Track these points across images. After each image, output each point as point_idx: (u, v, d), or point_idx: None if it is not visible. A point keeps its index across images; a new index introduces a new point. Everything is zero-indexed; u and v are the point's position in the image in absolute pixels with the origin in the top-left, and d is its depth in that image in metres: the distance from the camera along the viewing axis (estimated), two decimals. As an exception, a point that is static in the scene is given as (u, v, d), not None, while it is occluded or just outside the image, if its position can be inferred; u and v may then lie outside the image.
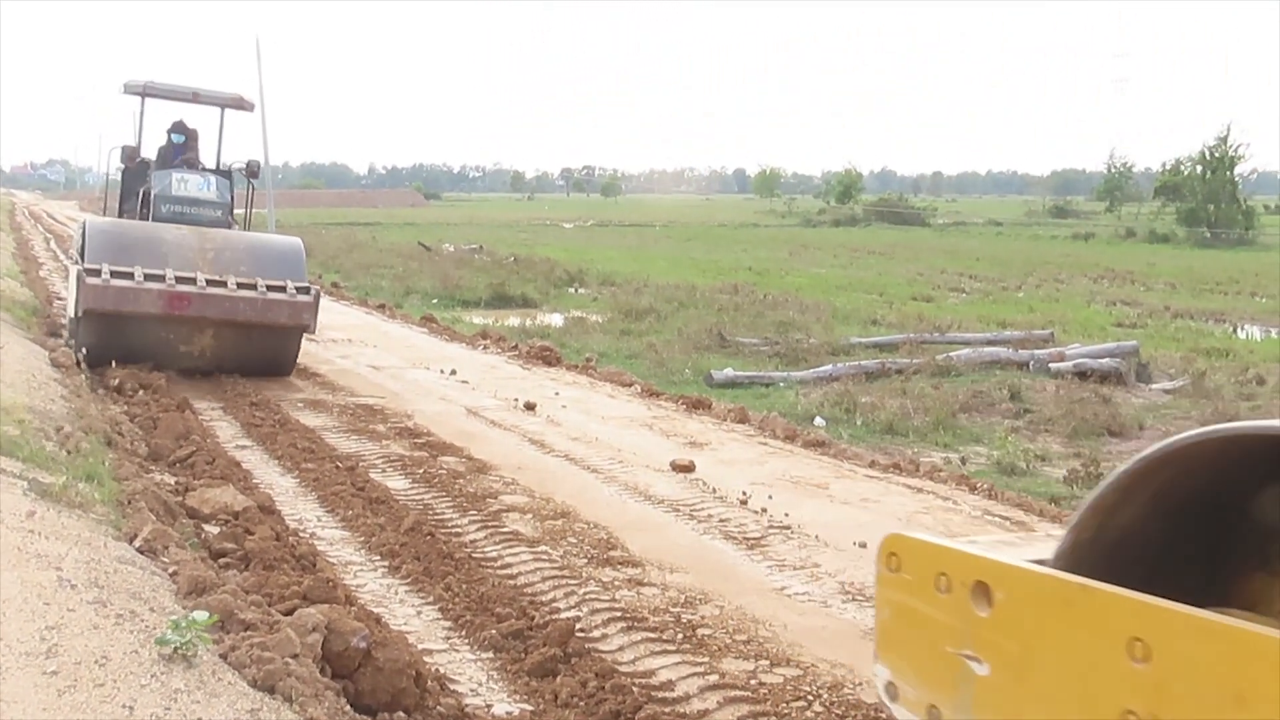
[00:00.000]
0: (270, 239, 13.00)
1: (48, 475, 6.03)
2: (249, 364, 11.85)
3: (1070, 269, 36.70)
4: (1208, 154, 60.99)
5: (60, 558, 4.40)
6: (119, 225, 12.12)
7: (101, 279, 10.74)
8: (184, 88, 13.61)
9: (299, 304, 11.49)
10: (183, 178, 12.58)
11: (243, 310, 11.30)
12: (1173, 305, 25.94)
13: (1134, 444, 11.29)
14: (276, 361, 12.13)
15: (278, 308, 11.42)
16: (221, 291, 11.18)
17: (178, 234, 11.68)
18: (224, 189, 12.88)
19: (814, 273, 32.68)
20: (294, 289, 11.52)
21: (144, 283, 10.88)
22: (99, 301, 10.78)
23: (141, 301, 10.89)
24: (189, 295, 11.02)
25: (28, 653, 3.44)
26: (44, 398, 8.63)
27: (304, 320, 11.61)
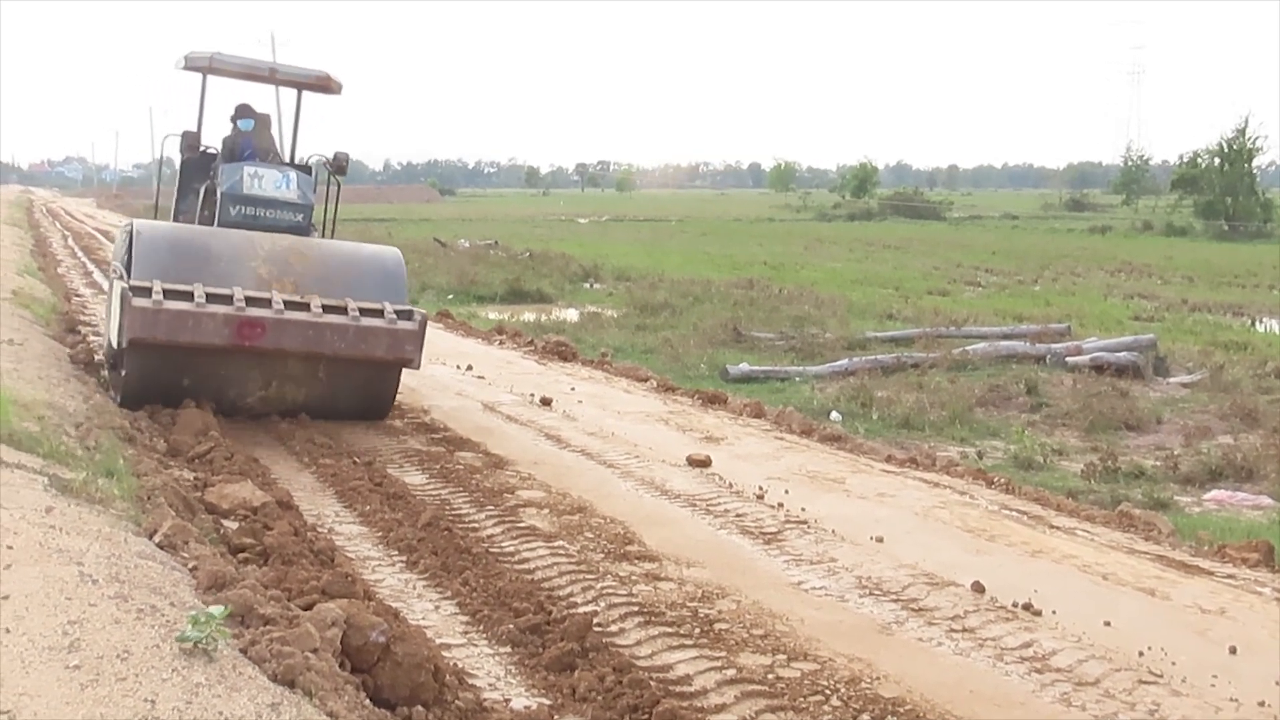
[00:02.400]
0: (362, 250, 10.48)
1: (68, 471, 6.07)
2: (334, 407, 9.67)
3: (1087, 262, 36.55)
4: (1226, 146, 60.58)
5: (81, 553, 4.42)
6: (176, 232, 9.68)
7: (152, 300, 8.52)
8: (259, 63, 11.18)
9: (400, 332, 9.19)
10: (256, 173, 10.17)
11: (330, 341, 8.95)
12: (1190, 298, 25.82)
13: (1151, 438, 11.27)
14: (369, 405, 9.87)
15: (374, 337, 9.09)
16: (303, 317, 8.87)
17: (249, 243, 9.44)
18: (306, 187, 10.40)
19: (829, 267, 32.62)
20: (393, 313, 9.24)
21: (206, 305, 8.62)
22: (149, 329, 8.53)
23: (203, 329, 8.60)
24: (263, 321, 8.73)
25: (50, 647, 3.47)
26: (64, 394, 8.68)
27: (406, 353, 9.30)
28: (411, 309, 9.46)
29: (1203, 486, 9.41)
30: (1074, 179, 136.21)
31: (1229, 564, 6.93)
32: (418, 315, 9.44)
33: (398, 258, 10.10)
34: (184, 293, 8.68)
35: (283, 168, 10.41)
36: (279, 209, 10.11)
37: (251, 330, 8.71)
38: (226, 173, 10.12)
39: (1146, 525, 7.67)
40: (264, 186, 10.10)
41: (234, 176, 10.05)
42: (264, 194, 10.07)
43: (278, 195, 10.13)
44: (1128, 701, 4.89)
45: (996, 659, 5.28)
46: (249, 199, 10.02)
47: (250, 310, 8.74)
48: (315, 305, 8.99)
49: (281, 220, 10.12)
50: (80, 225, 46.96)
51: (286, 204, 10.14)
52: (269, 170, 10.23)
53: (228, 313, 8.66)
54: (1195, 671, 5.22)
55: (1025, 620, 5.79)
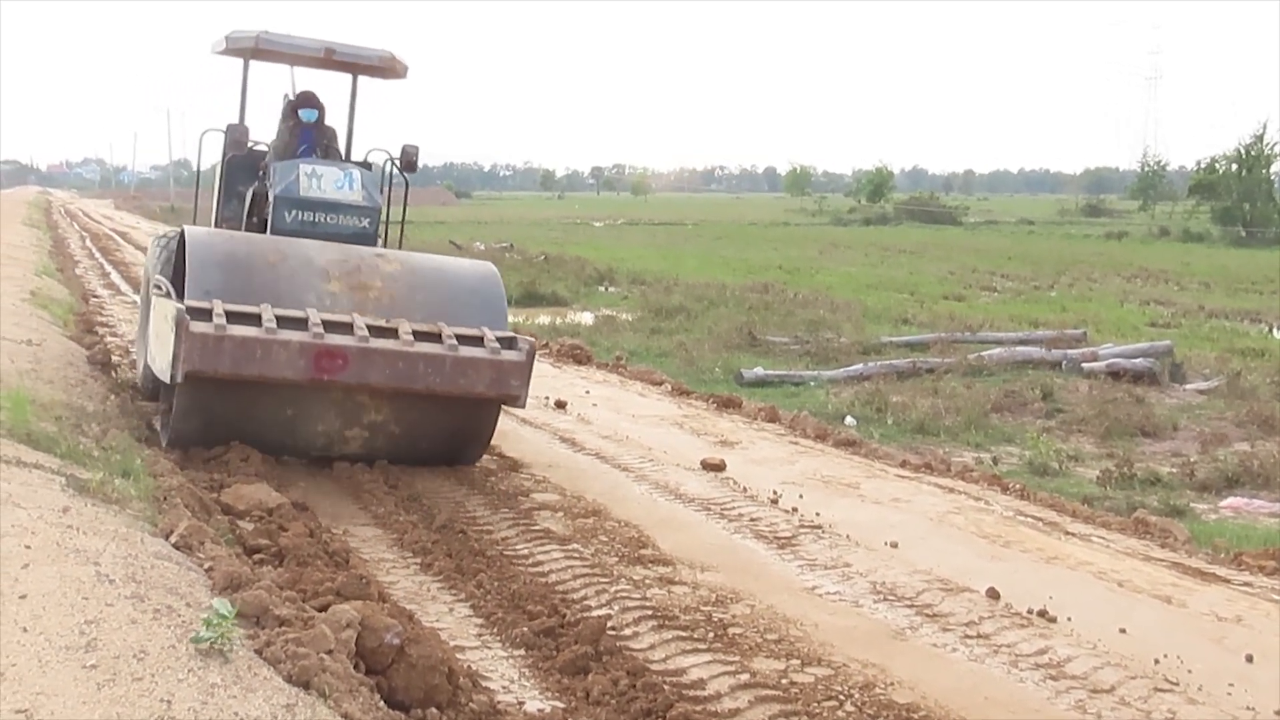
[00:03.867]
0: (452, 264, 9.02)
1: (85, 471, 6.10)
2: (419, 451, 8.19)
3: (1103, 268, 36.43)
4: (1243, 152, 60.28)
5: (98, 553, 4.45)
6: (234, 241, 8.16)
7: (214, 325, 7.05)
8: (312, 43, 9.34)
9: (505, 364, 7.66)
10: (315, 171, 8.71)
11: (423, 374, 7.47)
12: (1207, 305, 25.71)
13: (1168, 445, 11.22)
14: (460, 449, 8.36)
15: (475, 370, 7.60)
16: (392, 345, 7.42)
17: (320, 255, 8.01)
18: (372, 187, 8.98)
19: (845, 271, 32.58)
20: (496, 341, 7.74)
21: (278, 331, 7.17)
22: (210, 360, 7.03)
23: (274, 361, 7.14)
24: (344, 351, 7.26)
25: (67, 646, 3.48)
26: (81, 394, 8.72)
27: (511, 388, 7.74)
28: (514, 335, 7.98)
29: (1219, 493, 9.37)
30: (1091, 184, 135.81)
31: (1245, 571, 6.90)
32: (523, 344, 7.87)
33: (494, 274, 8.57)
34: (249, 315, 7.26)
35: (344, 165, 9.03)
36: (341, 213, 8.72)
37: (331, 362, 7.22)
38: (280, 172, 8.73)
39: (1163, 532, 7.64)
40: (323, 187, 8.70)
41: (289, 176, 8.65)
42: (324, 196, 8.67)
43: (339, 197, 8.73)
44: (1143, 709, 4.87)
45: (1011, 665, 5.26)
46: (306, 202, 8.62)
47: (330, 337, 7.25)
48: (405, 331, 7.52)
49: (344, 227, 8.69)
50: (98, 226, 47.19)
51: (350, 207, 8.74)
52: (329, 168, 8.81)
53: (303, 340, 7.16)
54: (1211, 679, 5.20)
55: (1040, 627, 5.78)
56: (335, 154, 9.49)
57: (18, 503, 4.93)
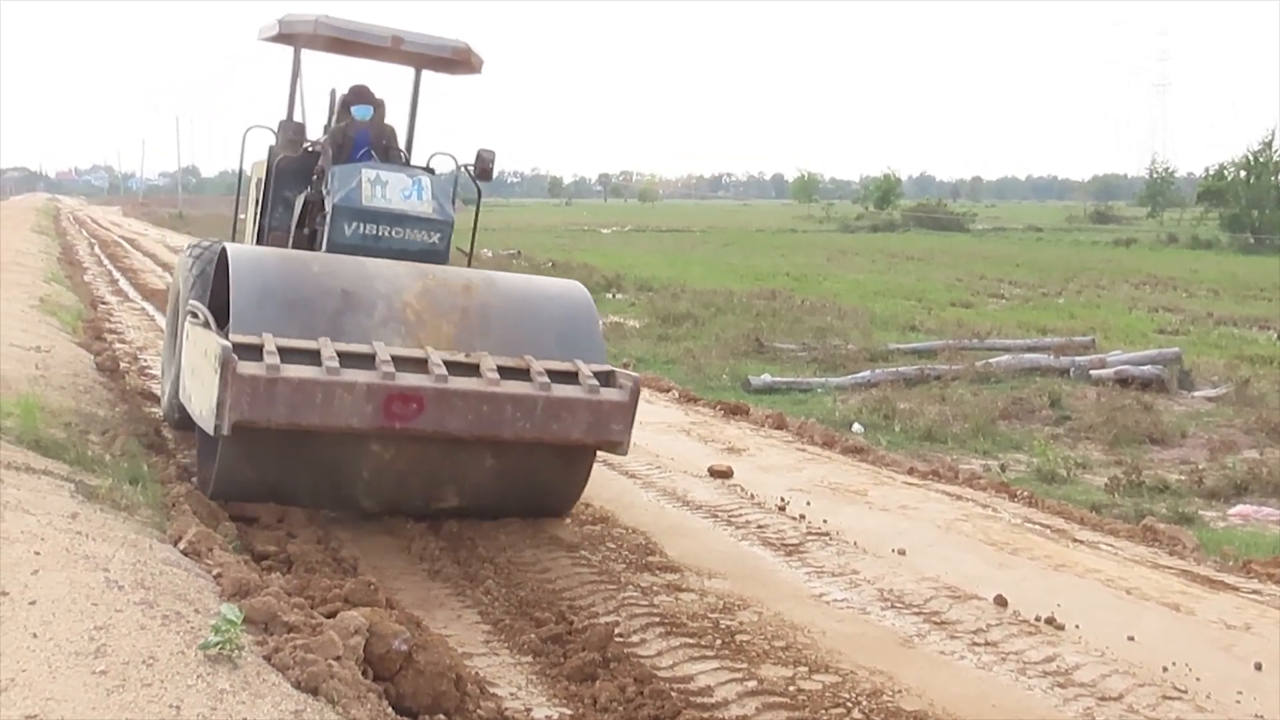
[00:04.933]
0: (537, 285, 7.71)
1: (94, 478, 6.13)
2: (503, 507, 7.07)
3: (1111, 275, 36.37)
4: (1252, 159, 60.20)
5: (107, 559, 4.46)
6: (288, 262, 6.87)
7: (266, 366, 5.91)
8: (378, 29, 8.15)
9: (604, 405, 6.51)
10: (378, 177, 7.61)
11: (510, 419, 6.32)
12: (1216, 312, 25.65)
13: (1176, 452, 11.20)
14: (549, 502, 7.24)
15: (570, 413, 6.45)
16: (474, 385, 6.28)
17: (389, 277, 6.82)
18: (444, 197, 7.80)
19: (852, 278, 32.56)
20: (593, 378, 6.60)
21: (340, 371, 6.03)
22: (262, 408, 5.89)
23: (336, 407, 5.99)
24: (419, 394, 6.13)
25: (77, 652, 3.49)
26: (89, 401, 8.75)
27: (612, 433, 6.58)
28: (613, 370, 6.80)
29: (1228, 501, 9.34)
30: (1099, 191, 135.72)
31: (1254, 579, 6.88)
32: (625, 380, 6.65)
33: (585, 296, 7.33)
34: (306, 352, 6.14)
35: (412, 171, 7.90)
36: (409, 226, 7.59)
37: (404, 407, 6.09)
38: (340, 177, 7.59)
39: (1171, 540, 7.63)
40: (389, 196, 7.58)
41: (349, 183, 7.54)
42: (389, 206, 7.56)
43: (406, 208, 7.60)
44: (1151, 717, 4.86)
45: (1019, 673, 5.26)
46: (369, 214, 7.52)
47: (401, 377, 6.12)
48: (488, 368, 6.37)
49: (411, 242, 7.59)
50: (106, 233, 47.31)
51: (419, 220, 7.61)
52: (394, 174, 7.70)
53: (371, 382, 6.02)
54: (1220, 688, 5.19)
55: (1048, 634, 5.77)
56: (396, 157, 8.43)
57: (27, 509, 4.95)
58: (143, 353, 13.19)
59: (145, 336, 14.75)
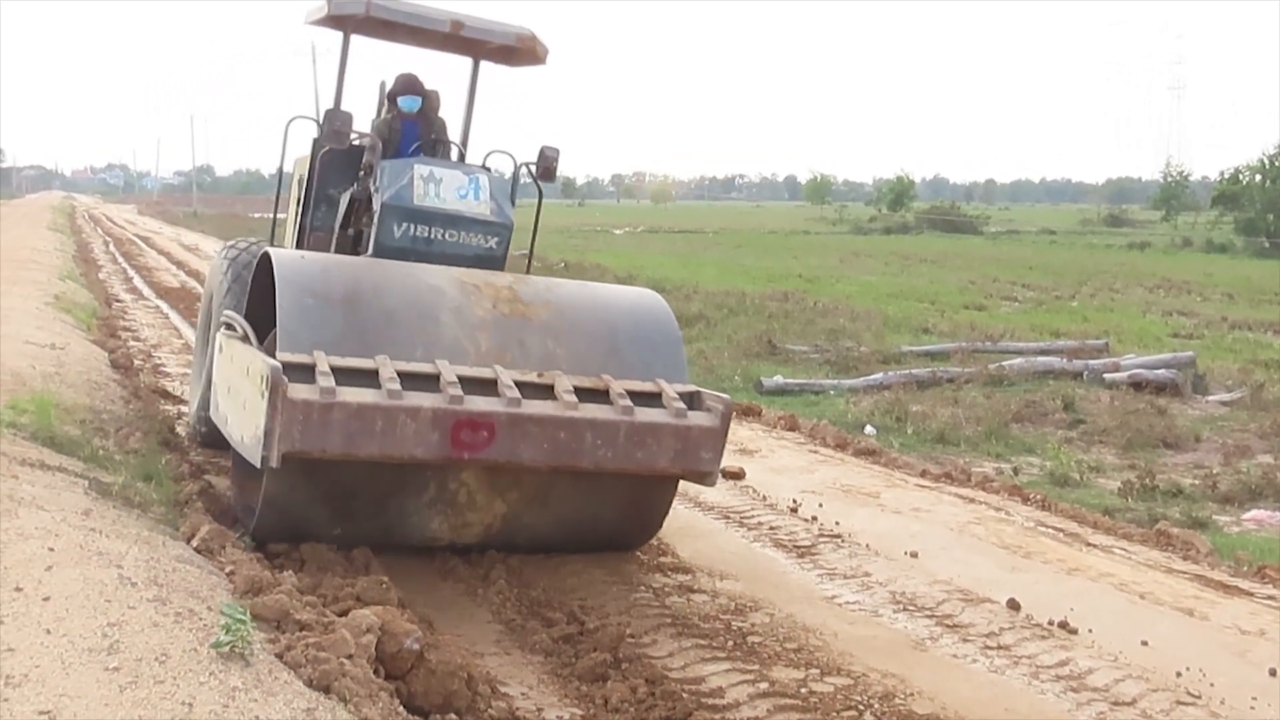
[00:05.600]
0: (611, 295, 6.91)
1: (107, 475, 6.14)
2: (574, 541, 6.47)
3: (1125, 278, 36.26)
4: (1268, 162, 59.98)
5: (121, 556, 4.47)
6: (338, 270, 6.14)
7: (320, 390, 5.23)
8: (436, 12, 7.49)
9: (694, 432, 5.82)
10: (432, 174, 6.94)
11: (590, 448, 5.64)
12: (1230, 316, 25.54)
13: (1190, 456, 11.15)
14: (626, 536, 6.63)
15: (656, 440, 5.75)
16: (550, 410, 5.60)
17: (451, 285, 6.17)
18: (503, 197, 7.17)
19: (865, 280, 32.51)
20: (678, 400, 5.93)
21: (403, 395, 5.35)
22: (316, 437, 5.22)
23: (399, 435, 5.32)
24: (490, 419, 5.46)
25: (90, 649, 3.50)
26: (104, 398, 8.77)
27: (702, 463, 5.88)
28: (698, 390, 6.12)
29: (1242, 506, 9.30)
30: (1113, 194, 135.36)
31: (1269, 584, 6.85)
32: (714, 403, 5.98)
33: (663, 306, 6.64)
34: (362, 372, 5.47)
35: (468, 168, 7.20)
36: (464, 229, 6.94)
37: (473, 434, 5.42)
38: (390, 174, 6.94)
39: (1185, 544, 7.59)
40: (443, 195, 6.92)
41: (399, 179, 6.89)
42: (443, 207, 6.90)
43: (462, 209, 6.94)
44: (1165, 722, 4.84)
45: (1032, 677, 5.24)
46: (421, 214, 6.86)
47: (470, 402, 5.45)
48: (564, 389, 5.73)
49: (466, 247, 6.94)
50: (121, 231, 47.52)
51: (475, 222, 6.95)
52: (450, 171, 7.04)
53: (436, 407, 5.36)
54: (1234, 693, 5.17)
55: (1061, 638, 5.75)
56: (446, 153, 7.81)
57: (41, 505, 4.96)
58: (156, 350, 13.24)
59: (159, 334, 14.80)
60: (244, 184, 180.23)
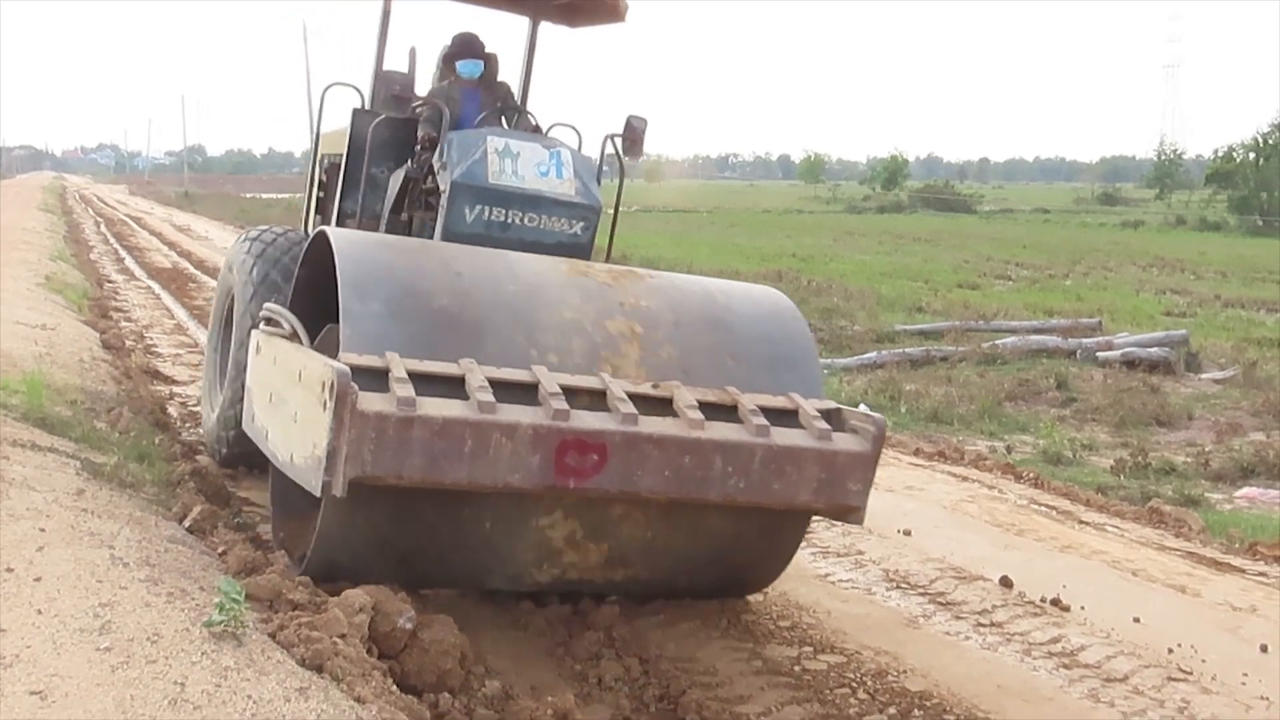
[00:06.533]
0: (725, 290, 5.73)
1: (99, 455, 6.12)
2: (682, 585, 5.38)
3: (1119, 257, 36.30)
4: (1261, 140, 60.12)
5: (112, 536, 4.46)
6: (411, 255, 5.08)
7: (398, 401, 4.24)
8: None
9: (840, 458, 4.82)
10: (510, 148, 5.98)
11: (720, 476, 4.63)
12: (1223, 294, 25.60)
13: (1183, 434, 11.17)
14: (743, 578, 5.56)
15: (797, 466, 4.74)
16: (670, 430, 4.59)
17: (543, 276, 5.17)
18: (588, 175, 6.20)
19: (859, 259, 32.51)
20: (818, 417, 4.96)
21: (497, 410, 4.37)
22: (393, 459, 4.24)
23: (494, 458, 4.35)
24: (602, 440, 4.47)
25: (81, 629, 3.49)
26: (95, 379, 8.75)
27: (849, 495, 4.86)
28: (838, 407, 5.18)
29: (1234, 483, 9.33)
30: (1107, 173, 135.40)
31: (1260, 562, 6.87)
32: (863, 423, 4.98)
33: (792, 308, 5.64)
34: (442, 379, 4.48)
35: (549, 141, 6.28)
36: (545, 212, 6.03)
37: (581, 458, 4.43)
38: (459, 147, 5.99)
39: (1177, 522, 7.62)
40: (521, 172, 5.98)
41: (470, 153, 5.93)
42: (521, 186, 5.96)
43: (543, 188, 6.01)
44: (1156, 698, 4.85)
45: (1024, 654, 5.26)
46: (496, 194, 5.92)
47: (578, 418, 4.45)
48: (685, 403, 4.71)
49: (547, 233, 6.04)
50: (112, 212, 47.39)
51: (558, 204, 6.04)
52: (527, 144, 6.08)
53: (538, 424, 4.37)
54: (1225, 669, 5.19)
55: (1054, 615, 5.77)
56: (531, 121, 6.96)
57: (33, 486, 4.95)
58: (148, 331, 13.20)
59: (151, 315, 14.76)
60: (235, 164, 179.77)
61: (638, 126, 6.62)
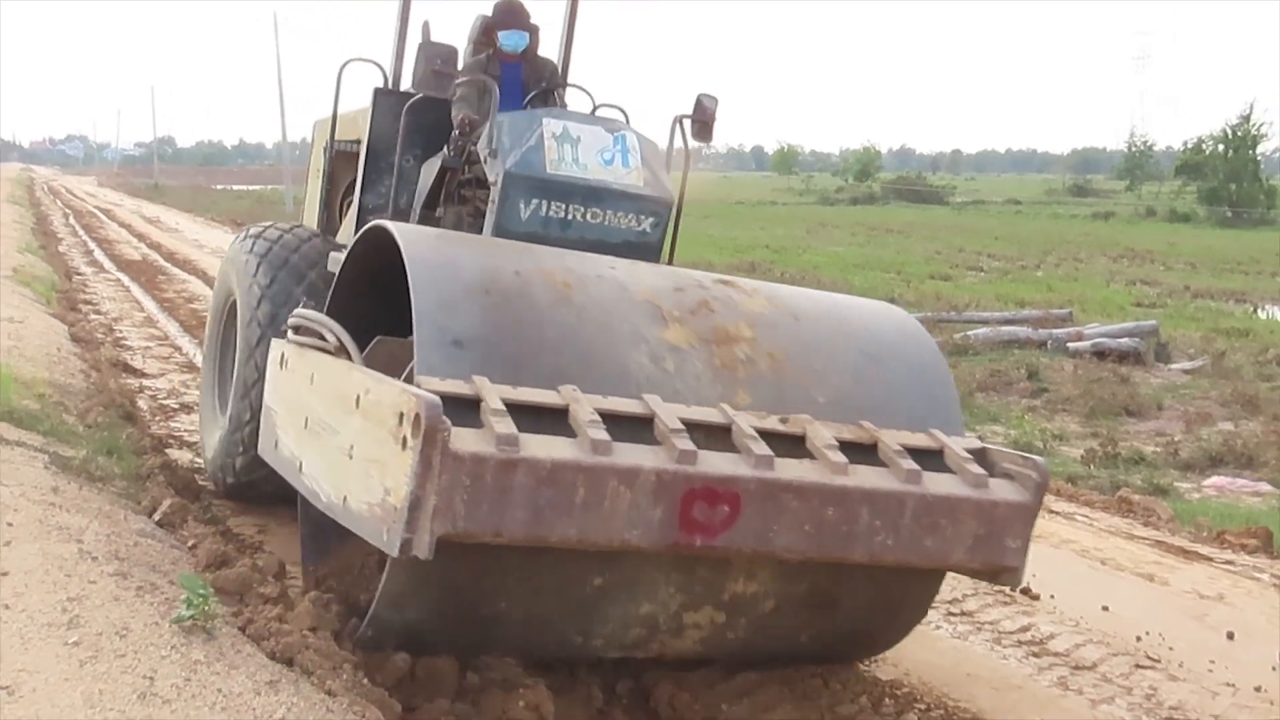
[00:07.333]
0: (839, 305, 5.15)
1: (68, 449, 6.08)
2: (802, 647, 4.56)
3: (1089, 248, 36.52)
4: (1230, 132, 60.52)
5: (81, 530, 4.43)
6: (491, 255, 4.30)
7: (496, 439, 3.39)
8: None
9: (999, 509, 4.06)
10: (566, 132, 5.20)
11: (866, 531, 3.84)
12: (1193, 285, 25.81)
13: (1152, 424, 11.26)
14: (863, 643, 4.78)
15: (952, 519, 3.97)
16: (811, 476, 3.78)
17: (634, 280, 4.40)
18: (658, 165, 5.45)
19: (832, 251, 32.59)
20: (971, 458, 4.21)
21: (612, 448, 3.53)
22: (491, 513, 3.38)
23: (609, 511, 3.51)
24: (735, 490, 3.64)
25: (49, 624, 3.47)
26: (64, 372, 8.68)
27: (1006, 553, 4.09)
28: (983, 445, 4.43)
29: (1203, 473, 9.41)
30: (1078, 164, 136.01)
31: (1228, 550, 6.94)
32: (1017, 466, 4.21)
33: (919, 327, 4.85)
34: (538, 410, 3.66)
35: (610, 124, 5.48)
36: (610, 207, 5.22)
37: (710, 511, 3.63)
38: (510, 131, 5.18)
39: (1146, 511, 7.68)
40: (583, 161, 5.18)
41: (523, 138, 5.14)
42: (584, 177, 5.17)
43: (608, 179, 5.21)
44: (1125, 686, 4.90)
45: (994, 643, 5.29)
46: (556, 186, 5.12)
47: (706, 461, 3.65)
48: (824, 442, 3.93)
49: (613, 231, 5.24)
50: (81, 204, 47.01)
51: (626, 198, 5.24)
52: (588, 127, 5.31)
53: (661, 469, 3.57)
54: (1193, 656, 5.23)
55: (1023, 604, 5.80)
56: (564, 104, 6.22)
57: (0, 480, 4.91)
58: (118, 324, 13.11)
59: (121, 308, 14.65)
60: (206, 155, 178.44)
61: (709, 107, 5.74)
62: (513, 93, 5.92)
